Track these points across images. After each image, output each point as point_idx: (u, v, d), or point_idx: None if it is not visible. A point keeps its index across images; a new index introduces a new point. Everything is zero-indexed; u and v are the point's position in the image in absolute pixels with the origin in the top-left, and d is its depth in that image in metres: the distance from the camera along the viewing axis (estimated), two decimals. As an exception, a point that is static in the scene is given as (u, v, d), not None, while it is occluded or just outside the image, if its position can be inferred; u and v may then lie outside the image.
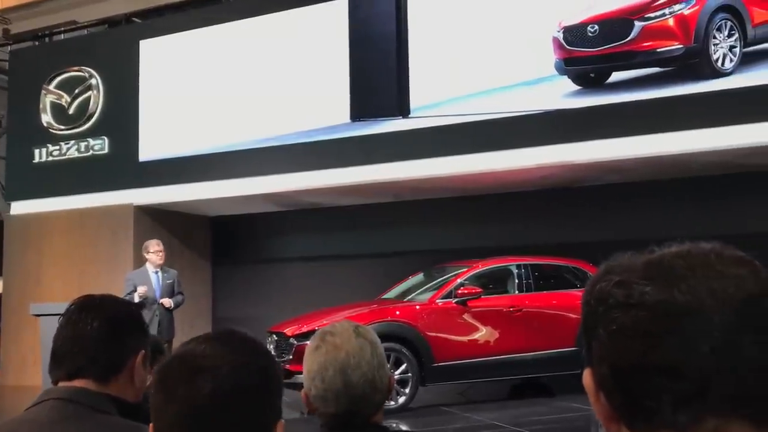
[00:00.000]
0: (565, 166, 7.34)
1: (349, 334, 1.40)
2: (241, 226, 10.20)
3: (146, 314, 6.44)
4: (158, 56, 9.49)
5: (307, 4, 8.65)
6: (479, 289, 6.88)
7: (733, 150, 6.58)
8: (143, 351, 1.38)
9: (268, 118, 8.69)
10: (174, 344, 6.76)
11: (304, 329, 6.54)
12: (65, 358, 1.34)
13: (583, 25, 7.20)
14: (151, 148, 9.36)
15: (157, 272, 6.82)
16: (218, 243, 10.45)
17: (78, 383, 1.32)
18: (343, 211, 9.41)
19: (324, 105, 8.42)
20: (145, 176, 9.22)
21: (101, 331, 1.34)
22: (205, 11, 9.42)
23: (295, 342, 6.51)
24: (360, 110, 8.32)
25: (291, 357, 6.41)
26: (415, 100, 8.04)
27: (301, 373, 1.10)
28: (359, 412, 1.36)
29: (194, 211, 9.85)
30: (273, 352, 6.77)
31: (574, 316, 6.52)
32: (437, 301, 6.89)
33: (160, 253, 6.84)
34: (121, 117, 9.56)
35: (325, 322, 6.44)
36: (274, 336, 6.94)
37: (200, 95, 9.12)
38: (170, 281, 6.84)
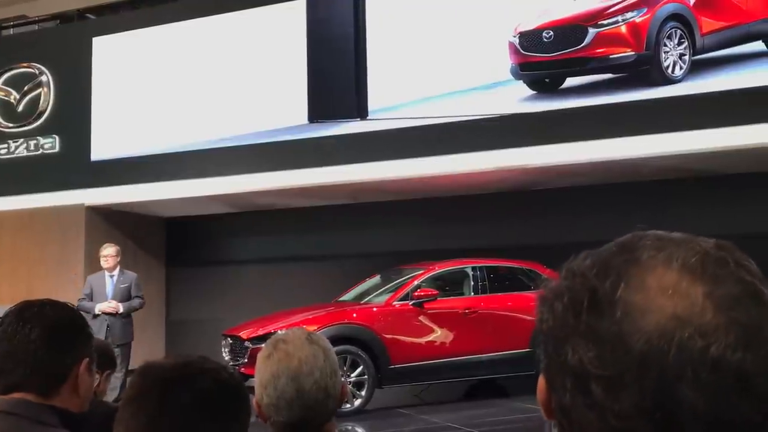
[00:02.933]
0: (521, 169, 7.43)
1: (302, 342, 1.39)
2: (196, 227, 10.07)
3: (98, 321, 6.32)
4: (112, 54, 9.30)
5: (265, 4, 8.59)
6: (435, 291, 6.92)
7: (682, 155, 6.75)
8: (87, 358, 1.33)
9: (224, 119, 8.61)
10: (134, 348, 6.64)
11: (260, 332, 6.49)
12: (2, 372, 1.27)
13: (538, 31, 7.30)
14: (103, 147, 9.17)
15: (112, 276, 6.68)
16: (173, 244, 10.29)
17: (18, 395, 1.25)
18: (300, 213, 9.36)
19: (281, 106, 8.37)
20: (98, 176, 9.03)
21: (40, 341, 1.27)
22: (161, 9, 9.28)
23: (251, 345, 6.45)
24: (318, 111, 8.30)
25: (246, 360, 6.35)
26: (373, 102, 8.05)
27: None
28: (312, 420, 1.35)
29: (148, 212, 9.69)
30: (228, 356, 6.73)
31: (528, 318, 6.61)
32: (394, 303, 6.91)
33: (106, 258, 6.70)
34: (73, 115, 9.34)
35: (281, 324, 6.41)
36: (229, 339, 6.87)
37: (155, 94, 8.98)
38: (125, 285, 6.68)
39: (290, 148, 8.21)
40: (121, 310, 6.48)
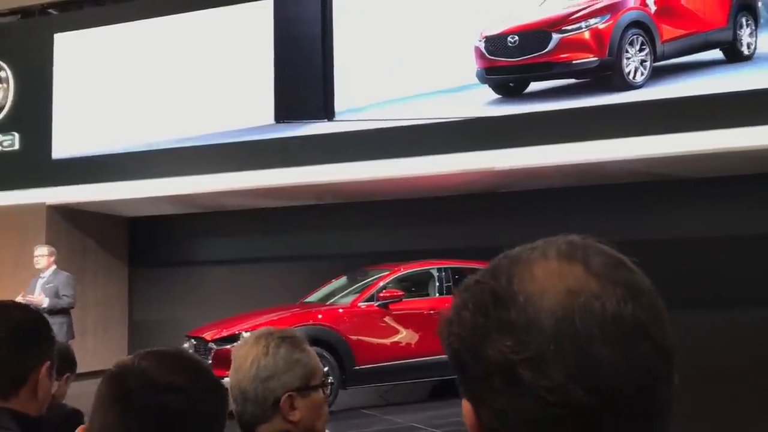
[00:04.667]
0: (487, 172, 7.51)
1: (253, 339, 1.42)
2: (160, 227, 9.96)
3: None
4: (74, 51, 9.16)
5: (232, 3, 8.54)
6: (401, 293, 6.96)
7: (643, 159, 6.90)
8: (49, 362, 1.33)
9: (189, 118, 8.53)
10: (76, 349, 6.50)
11: (224, 333, 6.46)
12: None
13: (503, 36, 7.39)
14: (65, 145, 9.02)
15: (42, 277, 6.62)
16: (136, 245, 10.16)
17: None
18: (266, 214, 9.33)
19: (247, 105, 8.33)
20: (59, 174, 8.87)
21: (4, 343, 1.26)
22: (127, 6, 9.16)
23: (215, 346, 6.41)
24: (284, 112, 8.28)
25: (210, 362, 6.30)
26: (340, 103, 8.06)
27: (221, 378, 1.12)
28: (240, 418, 1.38)
29: (111, 212, 9.55)
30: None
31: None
32: (359, 304, 6.94)
33: (37, 259, 6.66)
34: (34, 112, 9.17)
35: (246, 326, 6.38)
36: (193, 341, 6.82)
37: (119, 92, 8.87)
38: (51, 285, 6.56)
39: (256, 148, 8.17)
40: (44, 304, 6.29)
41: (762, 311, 7.25)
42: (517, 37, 7.35)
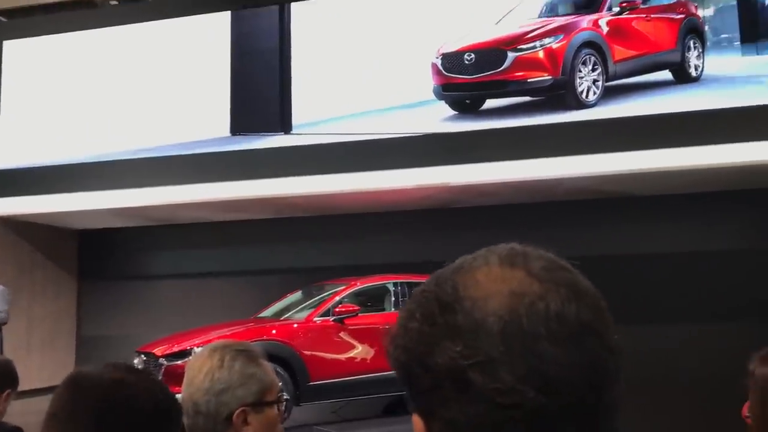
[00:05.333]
0: (442, 187, 7.56)
1: (207, 352, 1.40)
2: (112, 239, 9.74)
3: None
4: (24, 58, 8.94)
5: (189, 15, 8.46)
6: (357, 307, 6.92)
7: (594, 177, 7.03)
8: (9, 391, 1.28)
9: (143, 129, 8.39)
10: (20, 365, 6.27)
11: (175, 349, 6.32)
12: None
13: (460, 53, 7.47)
14: (11, 155, 8.77)
15: None
16: (86, 258, 9.91)
17: None
18: (221, 227, 9.21)
19: (203, 117, 8.24)
20: (5, 185, 8.61)
21: None
22: (79, 15, 8.99)
23: (165, 362, 6.28)
24: (241, 124, 8.21)
25: (160, 378, 6.17)
26: (297, 117, 8.03)
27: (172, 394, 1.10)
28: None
29: (60, 224, 9.31)
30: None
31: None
32: (315, 319, 6.88)
33: None
34: (-21, 121, 8.91)
35: (197, 341, 6.26)
36: (143, 356, 6.66)
37: (70, 102, 8.67)
38: None
39: (211, 161, 8.07)
40: None
41: (712, 324, 7.44)
42: (473, 55, 7.44)
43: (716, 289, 7.63)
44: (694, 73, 7.19)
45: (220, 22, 8.30)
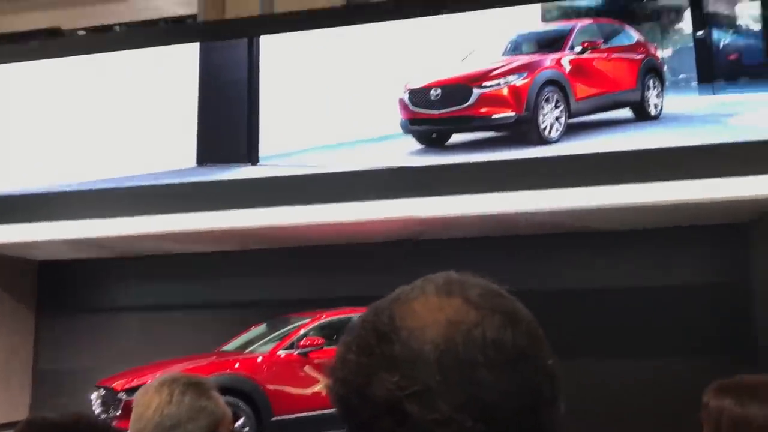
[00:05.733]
0: (408, 220, 7.60)
1: (157, 386, 1.38)
2: (73, 271, 9.55)
3: None
4: (-13, 87, 8.83)
5: (157, 45, 8.47)
6: (322, 340, 6.88)
7: (555, 212, 7.14)
8: None
9: (106, 158, 8.31)
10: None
11: (135, 383, 6.20)
12: None
13: (426, 89, 7.59)
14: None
15: None
16: (46, 290, 9.70)
17: None
18: (185, 259, 9.10)
19: (169, 148, 8.20)
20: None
21: None
22: (46, 44, 8.93)
23: (125, 397, 6.15)
24: (207, 155, 8.19)
25: (119, 413, 6.03)
26: (265, 148, 8.04)
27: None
28: None
29: (18, 254, 9.11)
30: (99, 408, 6.37)
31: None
32: (279, 352, 6.82)
33: None
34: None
35: (158, 375, 6.15)
36: (102, 390, 6.52)
37: (30, 130, 8.57)
38: None
39: (177, 192, 8.01)
40: None
41: (668, 359, 7.54)
42: (439, 91, 7.56)
43: (672, 324, 7.76)
44: (653, 112, 7.39)
45: (189, 52, 8.32)
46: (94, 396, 6.49)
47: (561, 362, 0.65)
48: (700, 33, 7.40)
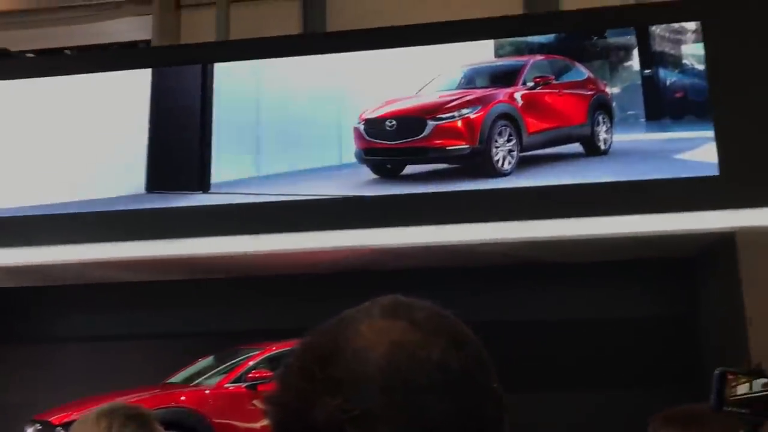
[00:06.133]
0: (361, 250, 7.56)
1: (95, 417, 1.29)
2: (11, 300, 9.18)
3: None
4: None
5: (107, 70, 8.32)
6: (271, 373, 6.75)
7: (507, 243, 7.20)
8: None
9: (50, 184, 8.07)
10: None
11: (74, 417, 5.94)
12: None
13: (382, 119, 7.62)
14: None
15: None
16: (-18, 318, 9.31)
17: None
18: (130, 288, 8.85)
19: (117, 174, 8.02)
20: None
21: None
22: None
23: (62, 431, 5.89)
24: (157, 182, 8.04)
25: (56, 448, 5.78)
26: (216, 175, 7.93)
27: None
28: None
29: (-45, 282, 8.74)
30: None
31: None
32: (226, 385, 6.66)
33: None
34: None
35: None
36: (38, 425, 6.26)
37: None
38: None
39: (125, 219, 7.82)
40: None
41: (613, 391, 7.62)
42: (395, 122, 7.60)
43: (621, 355, 7.86)
44: (602, 147, 7.56)
45: (140, 77, 8.20)
46: (30, 431, 6.21)
47: (508, 395, 0.64)
48: (647, 71, 7.64)
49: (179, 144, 8.09)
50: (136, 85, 8.20)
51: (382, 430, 0.55)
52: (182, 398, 6.43)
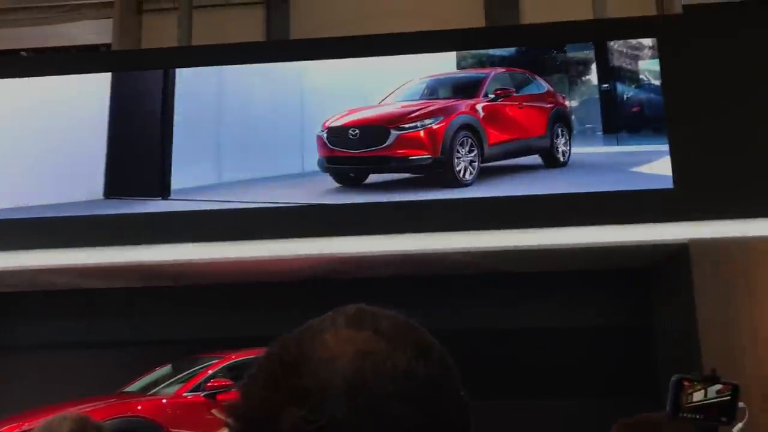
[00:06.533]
0: (323, 258, 7.55)
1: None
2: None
3: None
4: None
5: (66, 73, 8.18)
6: (230, 382, 6.68)
7: (468, 252, 7.27)
8: None
9: (3, 188, 7.88)
10: None
11: (24, 428, 5.81)
12: None
13: (345, 128, 7.64)
14: None
15: None
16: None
17: None
18: (86, 295, 8.68)
19: (74, 179, 7.87)
20: None
21: None
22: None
23: (12, 443, 5.75)
24: (115, 188, 7.91)
25: (6, 460, 5.62)
26: (177, 182, 7.84)
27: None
28: None
29: None
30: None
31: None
32: (185, 394, 6.56)
33: None
34: None
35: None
36: (-13, 436, 6.08)
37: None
38: None
39: (82, 225, 7.67)
40: None
41: (570, 400, 7.73)
42: (358, 131, 7.62)
43: (578, 364, 7.98)
44: (561, 159, 7.69)
45: (99, 81, 8.07)
46: (-23, 442, 6.03)
47: (470, 402, 0.65)
48: (605, 85, 7.81)
49: (139, 149, 7.98)
50: (95, 89, 8.07)
51: None
52: (138, 408, 6.31)
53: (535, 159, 7.74)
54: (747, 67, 7.23)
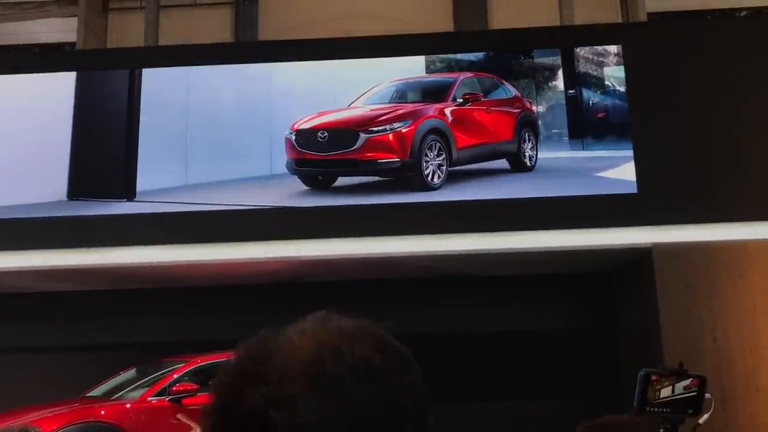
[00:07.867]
0: (291, 261, 7.51)
1: None
2: None
3: None
4: None
5: (29, 72, 8.03)
6: (195, 386, 6.60)
7: (435, 256, 7.30)
8: None
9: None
10: None
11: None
12: None
13: (314, 130, 7.62)
14: None
15: None
16: None
17: None
18: (49, 298, 8.51)
19: (37, 180, 7.72)
20: None
21: None
22: None
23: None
24: (80, 189, 7.78)
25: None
26: (142, 183, 7.74)
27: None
28: None
29: None
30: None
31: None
32: (149, 398, 6.47)
33: None
34: None
35: (15, 425, 5.69)
36: (-55, 443, 5.92)
37: None
38: None
39: (45, 227, 7.52)
40: None
41: (534, 402, 7.80)
42: (326, 133, 7.61)
43: (543, 366, 8.06)
44: (528, 163, 7.77)
45: (63, 80, 7.93)
46: (-66, 449, 5.86)
47: (433, 405, 0.67)
48: (571, 91, 7.92)
49: (104, 150, 7.86)
50: (59, 88, 7.93)
51: (303, 414, 0.58)
52: (102, 412, 6.20)
53: (502, 163, 7.81)
54: (709, 74, 7.40)
